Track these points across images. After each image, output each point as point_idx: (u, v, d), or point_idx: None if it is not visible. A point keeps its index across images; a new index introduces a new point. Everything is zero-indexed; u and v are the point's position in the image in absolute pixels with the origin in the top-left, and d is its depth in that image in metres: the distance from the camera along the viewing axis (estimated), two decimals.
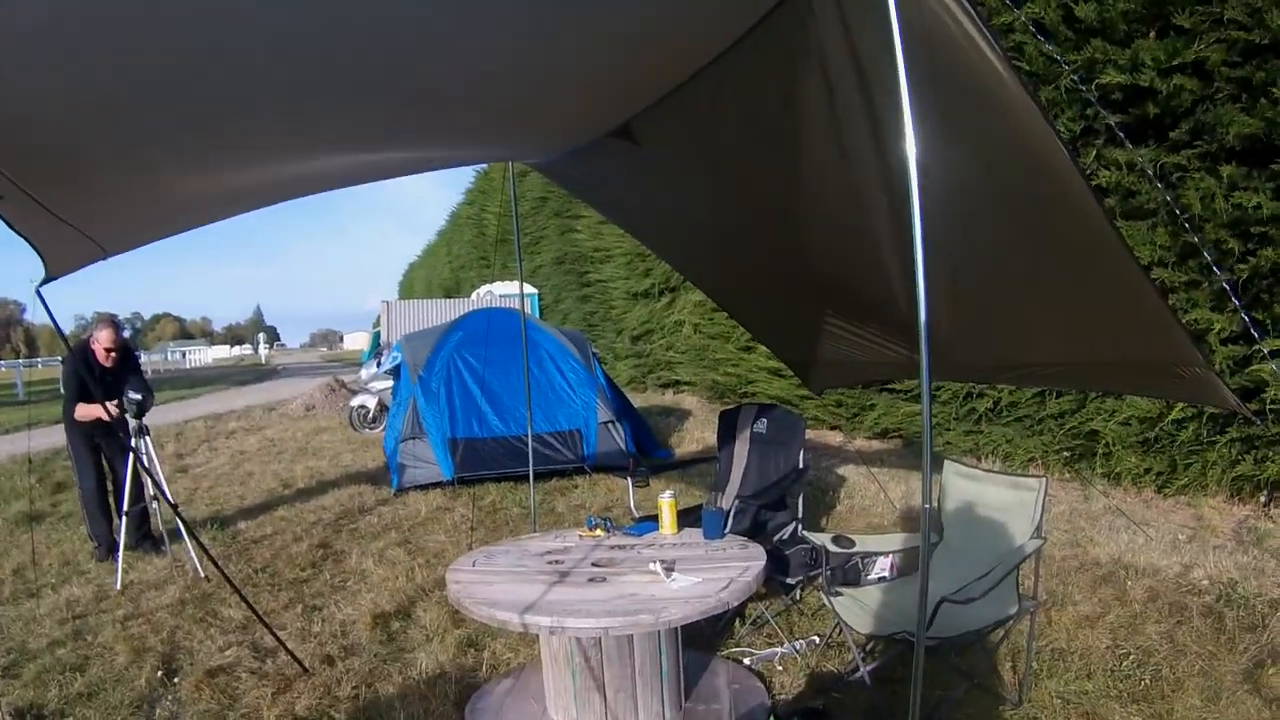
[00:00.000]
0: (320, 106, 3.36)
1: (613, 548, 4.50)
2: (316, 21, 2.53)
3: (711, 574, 3.90)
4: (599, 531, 4.78)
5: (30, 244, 3.69)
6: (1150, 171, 7.16)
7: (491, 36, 2.93)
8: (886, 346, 5.36)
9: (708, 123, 4.05)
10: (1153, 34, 7.21)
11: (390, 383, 13.27)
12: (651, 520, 4.92)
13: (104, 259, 4.37)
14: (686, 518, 4.97)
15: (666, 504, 4.77)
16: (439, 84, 3.38)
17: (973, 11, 2.49)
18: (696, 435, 12.92)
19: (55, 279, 4.15)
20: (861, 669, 4.08)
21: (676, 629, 3.97)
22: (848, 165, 3.71)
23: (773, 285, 5.77)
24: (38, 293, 4.01)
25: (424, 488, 9.73)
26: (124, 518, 7.12)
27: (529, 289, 22.51)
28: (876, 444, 11.42)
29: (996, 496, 4.48)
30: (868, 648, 4.48)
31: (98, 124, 2.95)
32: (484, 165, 26.92)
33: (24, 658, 5.36)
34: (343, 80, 3.07)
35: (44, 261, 3.93)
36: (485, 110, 3.90)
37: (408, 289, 56.47)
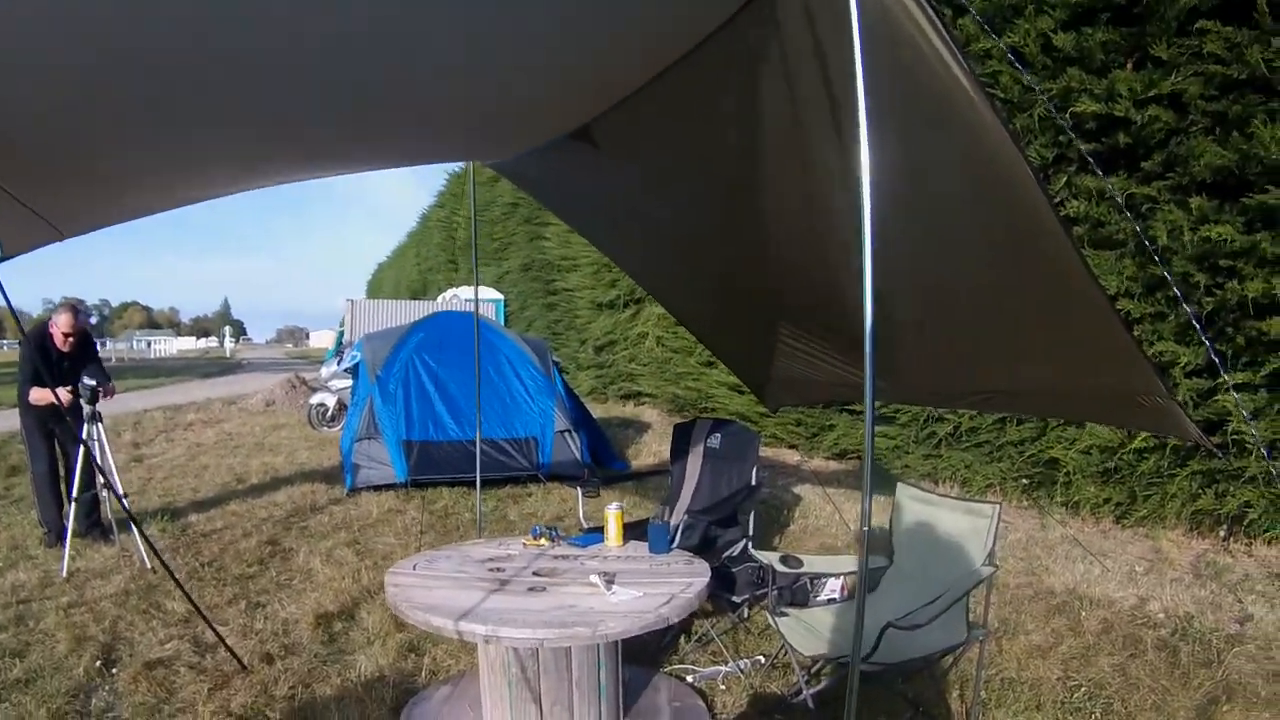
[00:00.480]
0: (278, 103, 3.31)
1: (556, 558, 4.43)
2: (274, 20, 2.48)
3: (653, 589, 3.82)
4: (544, 541, 4.70)
5: None
6: (1120, 201, 7.17)
7: (452, 35, 2.86)
8: (845, 368, 5.31)
9: (667, 129, 3.99)
10: (1130, 64, 7.23)
11: (350, 381, 13.15)
12: (599, 532, 4.83)
13: (60, 241, 4.31)
14: (635, 531, 4.90)
15: (613, 515, 4.69)
16: (398, 82, 3.31)
17: (941, 27, 2.42)
18: (654, 448, 12.84)
19: (9, 259, 4.09)
20: (805, 691, 4.00)
21: (617, 643, 3.89)
22: (809, 179, 3.65)
23: (728, 298, 5.71)
24: None
25: (377, 489, 9.63)
26: (73, 504, 7.00)
27: (496, 294, 22.43)
28: (835, 464, 11.40)
29: (950, 522, 4.42)
30: (813, 670, 4.42)
31: (55, 106, 2.89)
32: (456, 167, 26.93)
33: None
34: (302, 76, 3.02)
35: None
36: (445, 109, 3.84)
37: (376, 289, 56.30)
